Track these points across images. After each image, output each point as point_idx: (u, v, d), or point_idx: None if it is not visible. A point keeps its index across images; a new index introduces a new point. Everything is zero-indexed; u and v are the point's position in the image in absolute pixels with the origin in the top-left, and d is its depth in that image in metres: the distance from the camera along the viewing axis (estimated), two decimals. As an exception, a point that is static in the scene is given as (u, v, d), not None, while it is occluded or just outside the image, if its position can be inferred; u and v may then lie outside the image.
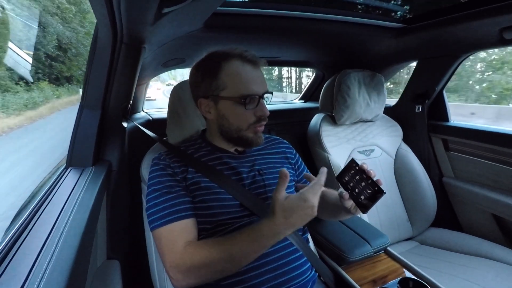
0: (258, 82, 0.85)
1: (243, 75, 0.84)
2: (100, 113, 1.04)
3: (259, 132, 0.88)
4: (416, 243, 1.61)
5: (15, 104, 6.10)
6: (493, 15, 1.11)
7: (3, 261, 0.54)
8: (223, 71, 0.84)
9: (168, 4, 0.64)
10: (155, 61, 1.44)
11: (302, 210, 0.66)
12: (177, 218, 0.78)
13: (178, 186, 0.84)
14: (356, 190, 0.76)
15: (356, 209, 0.80)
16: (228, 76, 0.84)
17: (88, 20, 9.33)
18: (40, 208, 0.74)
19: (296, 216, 0.67)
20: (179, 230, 0.78)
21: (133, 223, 1.34)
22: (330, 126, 1.65)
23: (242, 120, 0.86)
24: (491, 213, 1.53)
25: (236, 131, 0.87)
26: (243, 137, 0.88)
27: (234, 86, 0.84)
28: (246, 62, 0.85)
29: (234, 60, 0.85)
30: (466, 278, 1.20)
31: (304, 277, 0.85)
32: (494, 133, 1.49)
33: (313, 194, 0.67)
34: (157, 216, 0.79)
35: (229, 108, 0.86)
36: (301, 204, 0.67)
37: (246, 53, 0.86)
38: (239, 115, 0.85)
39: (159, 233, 0.78)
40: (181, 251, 0.75)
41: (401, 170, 1.69)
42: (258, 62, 0.87)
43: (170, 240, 0.77)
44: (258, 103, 0.85)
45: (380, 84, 1.64)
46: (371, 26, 1.41)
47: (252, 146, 0.91)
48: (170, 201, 0.80)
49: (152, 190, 0.83)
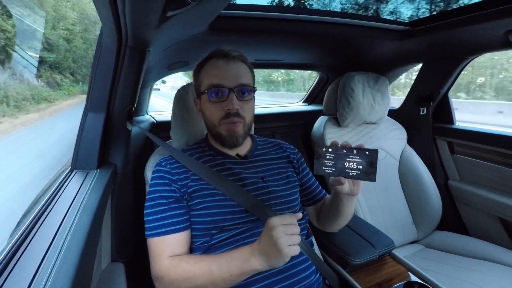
0: (227, 75, 0.86)
1: (213, 68, 0.88)
2: (104, 116, 1.04)
3: (231, 130, 0.87)
4: (422, 246, 1.59)
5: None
6: (498, 17, 1.11)
7: (9, 263, 0.54)
8: (203, 69, 0.90)
9: (173, 7, 0.65)
10: (159, 64, 1.45)
11: (266, 233, 0.67)
12: (166, 232, 0.80)
13: (172, 197, 0.84)
14: (348, 168, 0.75)
15: (354, 186, 0.80)
16: (204, 72, 0.89)
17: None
18: (46, 211, 0.75)
19: (264, 241, 0.67)
20: (167, 244, 0.80)
21: (138, 226, 1.34)
22: (334, 128, 1.65)
23: (213, 115, 0.88)
24: (497, 217, 1.51)
25: (212, 127, 0.91)
26: (218, 134, 0.90)
27: (205, 80, 0.88)
28: (220, 57, 0.88)
29: (212, 59, 0.89)
30: (472, 282, 1.19)
31: (309, 280, 0.85)
32: (500, 136, 1.48)
33: (276, 220, 0.66)
34: (150, 226, 0.81)
35: (204, 103, 0.91)
36: (265, 227, 0.68)
37: (223, 49, 0.89)
38: (210, 109, 0.89)
39: (149, 243, 0.81)
40: (165, 264, 0.76)
41: (406, 173, 1.68)
42: (231, 55, 0.88)
43: (157, 252, 0.79)
44: (228, 96, 0.85)
45: (384, 86, 1.63)
46: (376, 28, 1.41)
47: (227, 144, 0.91)
48: (161, 213, 0.81)
49: (149, 198, 0.85)
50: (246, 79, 0.88)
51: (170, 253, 0.78)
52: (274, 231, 0.64)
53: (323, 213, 1.02)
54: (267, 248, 0.65)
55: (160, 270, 0.76)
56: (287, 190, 0.94)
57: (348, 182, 0.79)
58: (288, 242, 0.63)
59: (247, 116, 0.90)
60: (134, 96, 1.11)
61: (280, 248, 0.62)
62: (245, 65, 0.92)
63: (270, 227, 0.65)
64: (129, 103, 1.10)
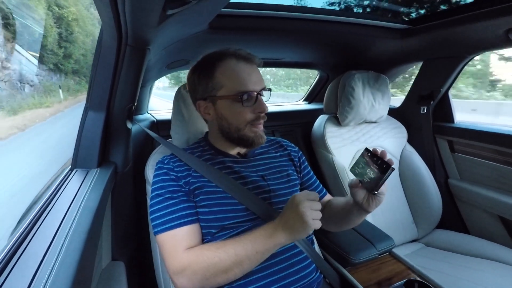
0: (254, 79, 0.85)
1: (238, 72, 0.84)
2: (105, 114, 1.04)
3: (259, 130, 0.88)
4: (422, 245, 1.60)
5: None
6: (498, 16, 1.10)
7: (9, 262, 0.54)
8: (218, 71, 0.85)
9: (173, 6, 0.64)
10: (159, 62, 1.44)
11: (291, 208, 0.68)
12: (180, 224, 0.78)
13: (181, 191, 0.84)
14: (367, 175, 0.75)
15: (368, 203, 0.78)
16: (224, 75, 0.84)
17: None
18: (46, 210, 0.75)
19: (289, 212, 0.68)
20: (182, 235, 0.78)
21: (138, 224, 1.35)
22: (334, 127, 1.64)
23: (241, 118, 0.86)
24: (497, 215, 1.51)
25: (235, 130, 0.87)
26: (243, 137, 0.88)
27: (230, 84, 0.84)
28: (240, 60, 0.86)
29: (228, 59, 0.86)
30: (472, 281, 1.19)
31: (310, 279, 0.85)
32: (500, 134, 1.47)
33: (303, 195, 0.68)
34: (159, 222, 0.79)
35: (227, 107, 0.86)
36: (289, 203, 0.69)
37: (239, 51, 0.87)
38: (237, 114, 0.85)
39: (161, 239, 0.78)
40: (183, 256, 0.75)
41: (406, 171, 1.68)
42: (252, 59, 0.87)
43: (172, 245, 0.77)
44: (256, 99, 0.84)
45: (385, 85, 1.63)
46: (376, 27, 1.41)
47: (254, 146, 0.90)
48: (172, 206, 0.80)
49: (155, 195, 0.83)
50: (264, 82, 0.89)
51: (186, 245, 0.77)
52: (301, 205, 0.66)
53: (330, 213, 1.01)
54: (292, 221, 0.68)
55: (181, 263, 0.74)
56: (288, 188, 0.94)
57: (363, 191, 0.78)
58: (313, 216, 0.66)
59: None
60: (134, 95, 1.11)
61: (306, 221, 0.65)
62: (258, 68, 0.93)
63: (297, 201, 0.68)
64: (129, 102, 1.10)
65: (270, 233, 0.70)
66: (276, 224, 0.70)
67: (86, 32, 9.84)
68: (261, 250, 0.70)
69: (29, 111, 6.20)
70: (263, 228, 0.73)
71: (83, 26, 9.75)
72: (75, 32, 9.25)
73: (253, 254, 0.70)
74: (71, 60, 8.94)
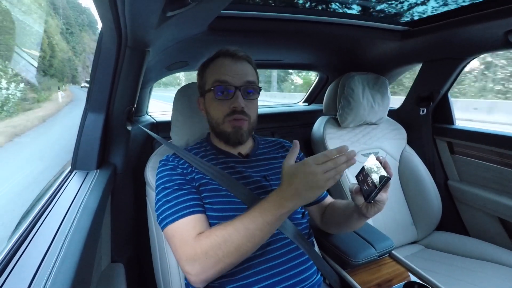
0: (234, 73, 0.86)
1: (220, 66, 0.88)
2: (104, 116, 1.04)
3: (236, 126, 0.88)
4: (421, 246, 1.60)
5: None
6: (498, 18, 1.11)
7: (9, 264, 0.54)
8: (209, 68, 0.91)
9: (172, 7, 0.65)
10: (159, 64, 1.45)
11: (303, 173, 0.64)
12: (190, 213, 0.78)
13: (189, 185, 0.84)
14: (366, 183, 0.74)
15: (367, 209, 0.78)
16: (209, 71, 0.90)
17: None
18: (45, 212, 0.75)
19: (298, 181, 0.64)
20: (193, 223, 0.77)
21: (138, 226, 1.34)
22: (334, 129, 1.64)
23: (218, 112, 0.88)
24: (497, 217, 1.51)
25: (216, 125, 0.90)
26: (222, 132, 0.90)
27: (210, 78, 0.89)
28: (227, 56, 0.89)
29: (220, 57, 0.90)
30: (472, 282, 1.19)
31: (311, 281, 0.85)
32: (500, 136, 1.48)
33: (313, 159, 0.64)
34: (169, 213, 0.78)
35: (209, 101, 0.91)
36: (301, 167, 0.65)
37: (229, 49, 0.90)
38: (215, 107, 0.89)
39: (171, 230, 0.76)
40: (195, 241, 0.72)
41: (405, 173, 1.68)
42: (237, 55, 0.89)
43: (184, 233, 0.75)
44: (234, 94, 0.86)
45: (384, 87, 1.63)
46: (375, 28, 1.41)
47: (231, 142, 0.91)
48: (182, 197, 0.80)
49: (162, 189, 0.83)
50: (251, 78, 0.89)
51: (198, 231, 0.75)
52: (311, 175, 0.63)
53: (330, 215, 1.01)
54: (302, 189, 0.64)
55: (194, 248, 0.71)
56: None
57: (362, 198, 0.77)
58: (325, 178, 0.62)
59: (252, 115, 0.91)
60: (134, 97, 1.11)
61: (320, 186, 0.62)
62: (251, 65, 0.93)
63: (310, 167, 0.63)
64: (129, 104, 1.10)
65: (280, 203, 0.66)
66: (283, 191, 0.67)
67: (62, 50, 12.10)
68: (271, 220, 0.67)
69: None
70: (270, 198, 0.69)
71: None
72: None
73: (264, 226, 0.67)
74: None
